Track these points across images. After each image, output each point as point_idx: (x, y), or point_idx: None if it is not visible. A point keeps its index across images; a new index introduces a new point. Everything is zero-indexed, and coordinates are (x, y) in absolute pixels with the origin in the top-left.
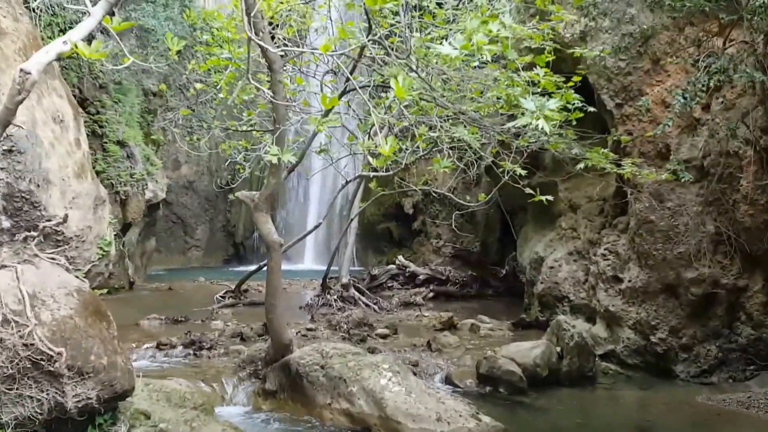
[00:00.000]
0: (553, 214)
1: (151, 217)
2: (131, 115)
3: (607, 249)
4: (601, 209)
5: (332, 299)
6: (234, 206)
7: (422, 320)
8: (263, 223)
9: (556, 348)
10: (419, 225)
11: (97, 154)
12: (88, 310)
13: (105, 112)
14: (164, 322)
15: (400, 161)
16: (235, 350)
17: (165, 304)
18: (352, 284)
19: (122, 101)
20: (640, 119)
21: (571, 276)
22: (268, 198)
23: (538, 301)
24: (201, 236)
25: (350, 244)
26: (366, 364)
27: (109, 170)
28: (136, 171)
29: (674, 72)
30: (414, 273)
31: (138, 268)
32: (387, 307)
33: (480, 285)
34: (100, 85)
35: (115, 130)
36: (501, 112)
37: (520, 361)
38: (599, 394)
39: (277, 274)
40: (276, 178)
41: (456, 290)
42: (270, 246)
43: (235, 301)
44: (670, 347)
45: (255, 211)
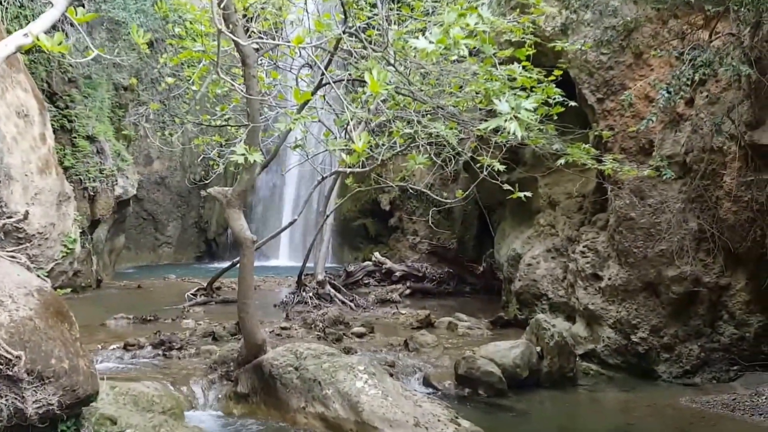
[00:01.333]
0: (532, 210)
1: (120, 213)
2: (101, 110)
3: (586, 246)
4: (580, 206)
5: (307, 297)
6: (207, 202)
7: (399, 318)
8: (235, 220)
9: (536, 348)
10: (396, 221)
11: (66, 150)
12: (50, 310)
13: (74, 106)
14: (132, 322)
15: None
16: (207, 350)
17: (134, 302)
18: (327, 281)
19: (92, 95)
20: (622, 114)
21: (550, 273)
22: (241, 194)
23: (516, 299)
24: (172, 233)
25: (326, 240)
26: (341, 365)
27: (78, 166)
28: (106, 166)
29: (657, 66)
30: (390, 270)
31: (106, 266)
32: (363, 305)
33: (457, 282)
34: (69, 79)
35: (85, 125)
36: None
37: (499, 362)
38: (581, 395)
39: (249, 272)
40: (249, 174)
41: (433, 287)
42: (242, 243)
43: (207, 299)
44: (651, 347)
45: (228, 207)
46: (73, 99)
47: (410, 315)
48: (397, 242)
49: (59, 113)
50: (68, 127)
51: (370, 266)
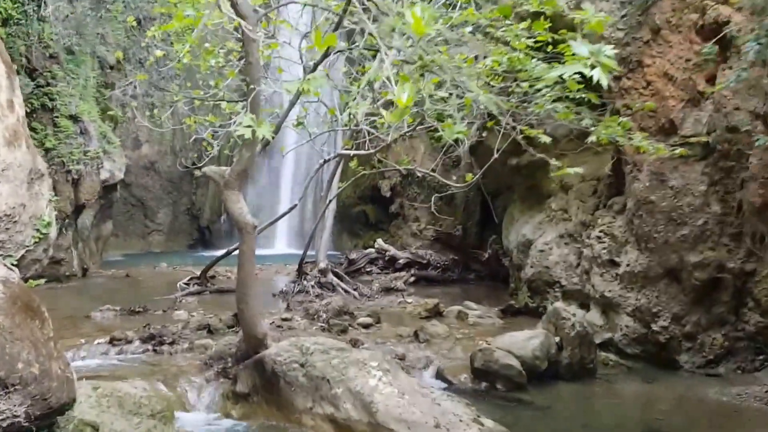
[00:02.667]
0: (542, 194)
1: (107, 198)
2: (86, 89)
3: (602, 231)
4: (594, 189)
5: (309, 285)
6: (200, 188)
7: (406, 307)
8: (234, 203)
9: (554, 338)
10: (397, 208)
11: (47, 130)
12: (17, 306)
13: (56, 83)
14: (120, 314)
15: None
16: (201, 345)
17: (121, 292)
18: (330, 269)
19: (76, 72)
20: (640, 93)
21: (563, 260)
22: (240, 174)
23: (528, 286)
24: (163, 220)
25: (328, 227)
26: (352, 361)
27: (60, 147)
28: (91, 148)
29: (676, 43)
30: (394, 257)
31: (93, 254)
32: (367, 294)
33: (461, 269)
34: (50, 54)
35: (68, 104)
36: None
37: (517, 354)
38: (602, 388)
39: (249, 260)
40: (250, 152)
41: (437, 274)
42: (242, 228)
43: (201, 289)
44: (672, 336)
45: (225, 188)
46: (54, 75)
47: (417, 304)
48: (398, 229)
49: (40, 91)
50: (49, 105)
51: (373, 253)
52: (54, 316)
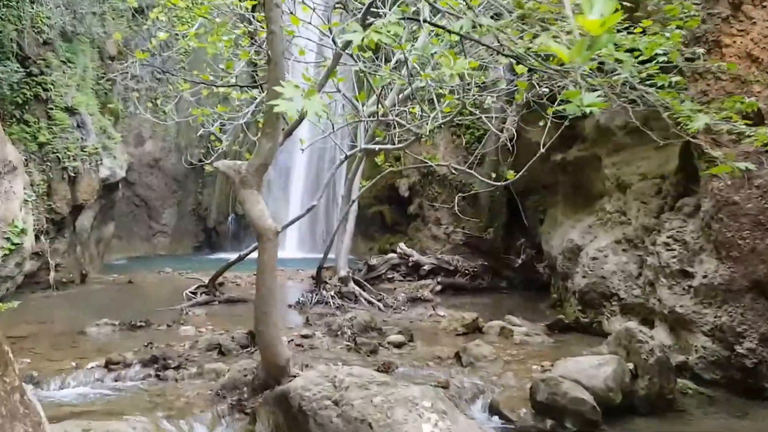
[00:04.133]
0: (592, 194)
1: (108, 198)
2: (84, 80)
3: (671, 237)
4: (658, 189)
5: (328, 296)
6: (206, 187)
7: (439, 322)
8: (253, 203)
9: (627, 364)
10: (416, 209)
11: (41, 123)
12: None
13: (51, 72)
14: (119, 329)
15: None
16: (212, 370)
17: (122, 302)
18: (351, 277)
19: (73, 61)
20: (718, 77)
21: (621, 269)
22: (259, 169)
23: (579, 299)
24: (168, 221)
25: (349, 231)
26: (399, 399)
27: (55, 142)
28: (89, 143)
29: (760, 19)
30: (418, 262)
31: (93, 258)
32: (393, 305)
33: (492, 276)
34: (44, 40)
35: (63, 95)
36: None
37: (587, 384)
38: (686, 425)
39: (270, 273)
40: (271, 142)
41: (466, 282)
42: (262, 234)
43: (210, 299)
44: (761, 360)
45: (242, 186)
46: (49, 64)
47: (452, 318)
48: (417, 231)
49: (33, 80)
50: (43, 96)
51: (395, 259)
52: (45, 332)
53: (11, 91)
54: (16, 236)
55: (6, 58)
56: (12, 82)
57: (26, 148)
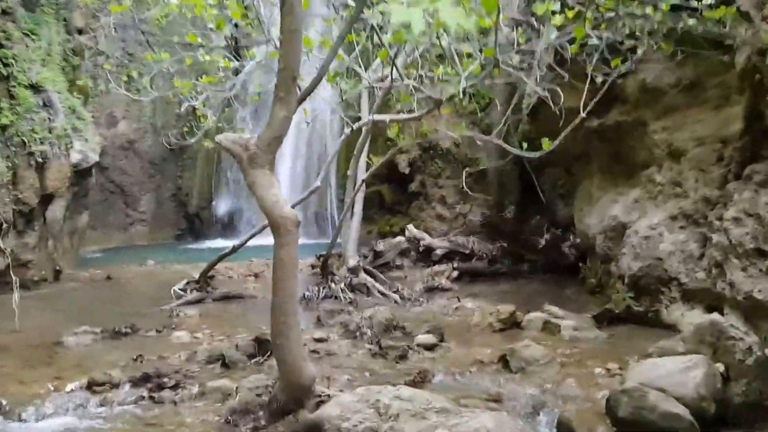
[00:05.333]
0: (636, 163)
1: (81, 185)
2: (50, 55)
3: (742, 211)
4: (719, 155)
5: (338, 289)
6: (186, 170)
7: (467, 315)
8: (266, 187)
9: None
10: (417, 186)
11: (2, 102)
12: None
13: (11, 46)
14: (100, 337)
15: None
16: (217, 388)
17: (102, 302)
18: (361, 267)
19: (36, 33)
20: None
21: (680, 249)
22: (272, 144)
23: (630, 284)
24: (146, 208)
25: (357, 215)
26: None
27: (19, 123)
28: (57, 124)
29: None
30: (429, 246)
31: (66, 251)
32: (410, 296)
33: (513, 260)
34: (3, 10)
35: (27, 71)
36: None
37: (674, 393)
38: None
39: (291, 272)
40: (285, 109)
41: (484, 267)
42: (278, 224)
43: (202, 296)
44: None
45: (250, 166)
46: (9, 36)
47: (483, 311)
48: (420, 211)
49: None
50: (3, 72)
51: (404, 243)
52: (15, 344)
53: None
54: None
55: None
56: None
57: None
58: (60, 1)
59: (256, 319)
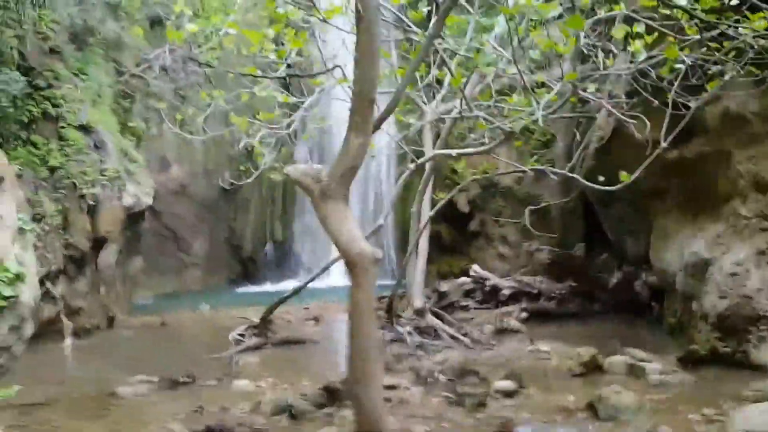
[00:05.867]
0: (717, 197)
1: (133, 230)
2: (100, 96)
3: None
4: None
5: (405, 332)
6: (239, 213)
7: (543, 359)
8: (340, 221)
9: None
10: (477, 226)
11: (51, 144)
12: None
13: (60, 86)
14: (157, 387)
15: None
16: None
17: (157, 350)
18: (428, 309)
19: (86, 73)
20: None
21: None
22: (346, 174)
23: (715, 324)
24: (199, 252)
25: (422, 255)
26: None
27: (69, 165)
28: (109, 166)
29: None
30: (496, 287)
31: (119, 297)
32: (481, 339)
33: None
34: (51, 48)
35: (76, 111)
36: None
37: None
38: None
39: (368, 314)
40: (362, 136)
41: (553, 307)
42: (354, 262)
43: (261, 341)
44: None
45: (322, 200)
46: (57, 76)
47: (560, 354)
48: (480, 251)
49: (39, 95)
50: (53, 113)
51: (468, 283)
52: (67, 396)
53: (14, 108)
54: (8, 285)
55: (9, 68)
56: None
57: (35, 174)
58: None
59: (321, 365)
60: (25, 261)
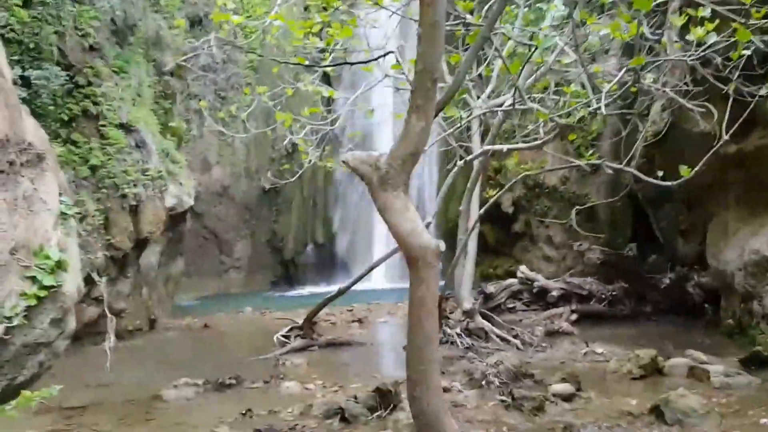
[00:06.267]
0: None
1: (175, 231)
2: (140, 96)
3: None
4: None
5: (454, 333)
6: (281, 215)
7: (598, 361)
8: (400, 212)
9: None
10: (522, 227)
11: (92, 143)
12: None
13: (100, 83)
14: (203, 389)
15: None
16: None
17: (201, 352)
18: (477, 310)
19: (126, 72)
20: None
21: None
22: (407, 161)
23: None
24: (241, 254)
25: (471, 255)
26: None
27: (111, 164)
28: (151, 166)
29: None
30: (544, 288)
31: (161, 299)
32: (531, 341)
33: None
34: (91, 45)
35: (117, 110)
36: None
37: None
38: None
39: (430, 312)
40: (424, 120)
41: (604, 309)
42: (415, 256)
43: (307, 342)
44: None
45: (381, 188)
46: (98, 73)
47: (616, 356)
48: (525, 252)
49: (79, 92)
50: (93, 111)
51: (515, 285)
52: (110, 399)
53: (54, 105)
54: (49, 274)
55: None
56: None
57: (76, 173)
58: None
59: (369, 367)
60: (67, 248)
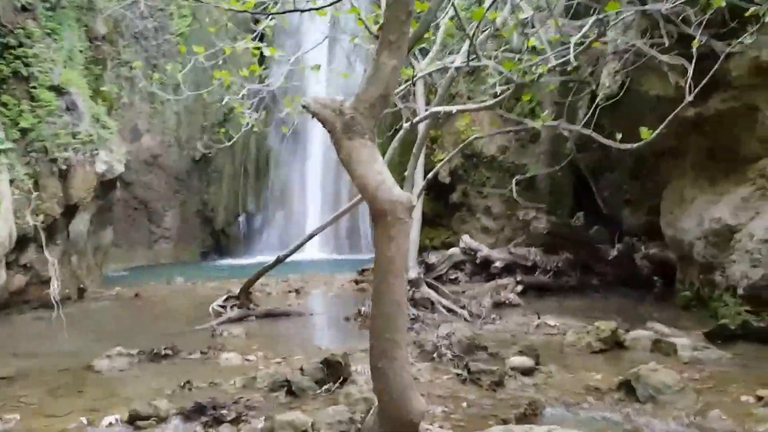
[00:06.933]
0: (743, 157)
1: (105, 199)
2: (72, 59)
3: None
4: None
5: None
6: (212, 185)
7: (552, 334)
8: (366, 162)
9: None
10: (459, 197)
11: (23, 105)
12: None
13: (32, 44)
14: (137, 360)
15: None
16: (289, 424)
17: (134, 322)
18: (423, 280)
19: (59, 34)
20: None
21: None
22: (376, 104)
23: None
24: (171, 224)
25: (416, 221)
26: None
27: (41, 127)
28: (81, 130)
29: None
30: (487, 258)
31: (90, 269)
32: (479, 312)
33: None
34: (23, 5)
35: (48, 71)
36: None
37: None
38: None
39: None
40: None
41: (550, 281)
42: (383, 210)
43: (244, 312)
44: None
45: (345, 136)
46: (30, 34)
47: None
48: (462, 223)
49: (10, 54)
50: (24, 73)
51: (457, 255)
52: (40, 369)
53: None
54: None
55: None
56: None
57: (6, 136)
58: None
59: (312, 338)
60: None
